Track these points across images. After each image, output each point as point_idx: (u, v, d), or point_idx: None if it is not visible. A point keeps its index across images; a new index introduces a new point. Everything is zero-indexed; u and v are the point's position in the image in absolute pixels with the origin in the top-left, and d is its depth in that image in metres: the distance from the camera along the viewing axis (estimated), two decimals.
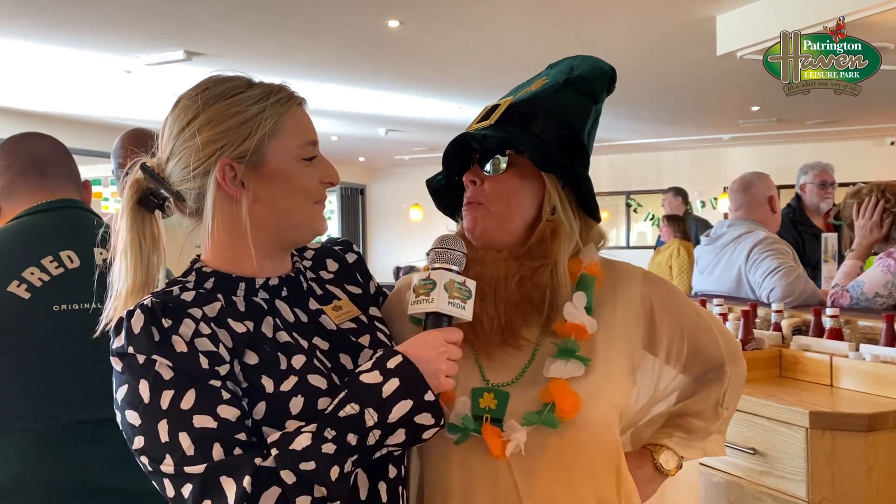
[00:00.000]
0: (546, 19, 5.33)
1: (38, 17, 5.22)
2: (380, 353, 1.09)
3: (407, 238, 13.86)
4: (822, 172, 3.92)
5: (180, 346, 1.02)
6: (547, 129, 1.26)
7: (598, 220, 1.32)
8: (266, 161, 1.10)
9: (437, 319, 1.11)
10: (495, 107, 1.29)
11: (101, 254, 1.60)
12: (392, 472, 1.16)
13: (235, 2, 4.92)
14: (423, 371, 1.04)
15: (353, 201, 14.93)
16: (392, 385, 1.02)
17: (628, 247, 12.88)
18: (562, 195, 1.26)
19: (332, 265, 1.29)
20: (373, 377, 1.04)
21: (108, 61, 6.40)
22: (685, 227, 6.03)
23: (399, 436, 1.03)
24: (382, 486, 1.14)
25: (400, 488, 1.18)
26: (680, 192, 6.82)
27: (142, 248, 1.13)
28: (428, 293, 1.10)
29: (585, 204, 1.28)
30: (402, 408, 1.02)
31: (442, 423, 1.07)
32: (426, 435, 1.06)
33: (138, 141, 2.10)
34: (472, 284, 1.13)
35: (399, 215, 14.22)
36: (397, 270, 10.39)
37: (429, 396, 1.03)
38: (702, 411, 1.39)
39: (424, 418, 1.04)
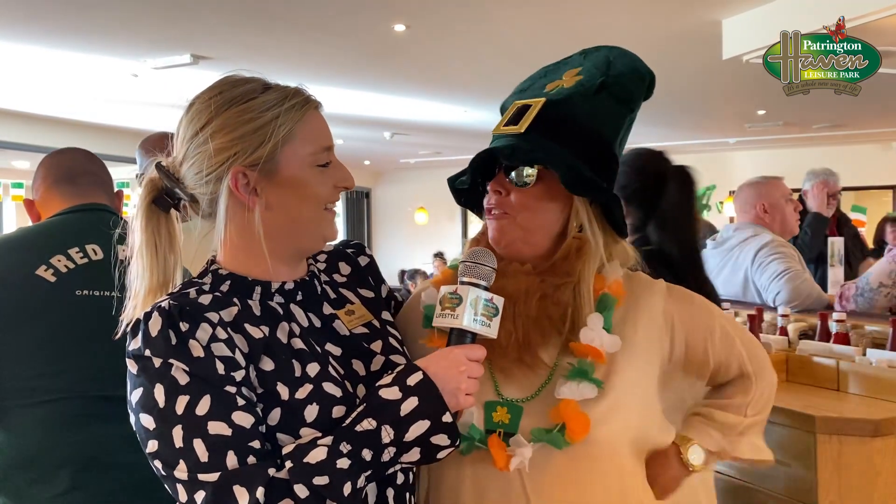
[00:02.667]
0: (552, 24, 5.33)
1: (44, 21, 5.24)
2: (401, 367, 1.08)
3: (412, 241, 13.84)
4: (824, 183, 3.91)
5: (197, 350, 1.01)
6: (578, 140, 1.21)
7: (624, 236, 1.27)
8: (280, 168, 1.09)
9: (460, 336, 1.09)
10: (526, 107, 1.22)
11: (122, 250, 1.72)
12: (400, 478, 1.15)
13: (242, 5, 4.93)
14: (443, 389, 1.03)
15: (359, 204, 14.92)
16: (411, 404, 1.01)
17: None
18: (589, 212, 1.23)
19: (345, 268, 1.28)
20: (392, 393, 1.03)
21: (114, 65, 6.41)
22: None
23: (414, 454, 1.03)
24: (390, 493, 1.13)
25: (407, 495, 1.18)
26: None
27: (157, 248, 1.13)
28: (453, 308, 1.08)
29: (613, 220, 1.24)
30: (418, 428, 1.01)
31: (458, 443, 1.05)
32: (440, 455, 1.05)
33: (160, 144, 2.17)
34: (499, 301, 1.11)
35: (404, 218, 14.22)
36: (402, 274, 10.37)
37: (446, 418, 1.02)
38: (727, 405, 1.34)
39: (440, 439, 1.03)
